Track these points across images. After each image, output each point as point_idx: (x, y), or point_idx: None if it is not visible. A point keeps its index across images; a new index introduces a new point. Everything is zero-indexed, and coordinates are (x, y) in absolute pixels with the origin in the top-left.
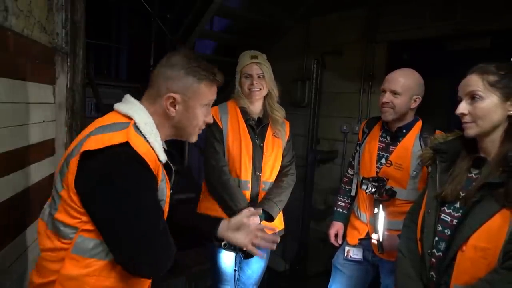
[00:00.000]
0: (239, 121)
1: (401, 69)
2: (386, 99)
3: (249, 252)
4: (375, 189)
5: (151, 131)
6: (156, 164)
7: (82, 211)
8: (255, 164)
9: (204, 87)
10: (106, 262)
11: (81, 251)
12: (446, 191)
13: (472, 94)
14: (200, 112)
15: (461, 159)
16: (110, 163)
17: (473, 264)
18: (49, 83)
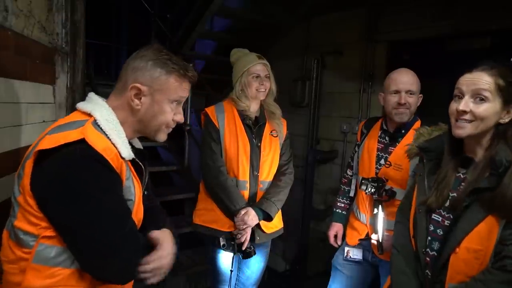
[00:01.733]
0: (236, 121)
1: (404, 69)
2: (403, 100)
3: (248, 252)
4: (375, 190)
5: (114, 128)
6: (118, 161)
7: (41, 216)
8: (253, 164)
9: (173, 81)
10: (72, 271)
11: (43, 260)
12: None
13: (479, 93)
14: (167, 108)
15: (448, 159)
16: (65, 163)
17: (466, 265)
18: (49, 83)
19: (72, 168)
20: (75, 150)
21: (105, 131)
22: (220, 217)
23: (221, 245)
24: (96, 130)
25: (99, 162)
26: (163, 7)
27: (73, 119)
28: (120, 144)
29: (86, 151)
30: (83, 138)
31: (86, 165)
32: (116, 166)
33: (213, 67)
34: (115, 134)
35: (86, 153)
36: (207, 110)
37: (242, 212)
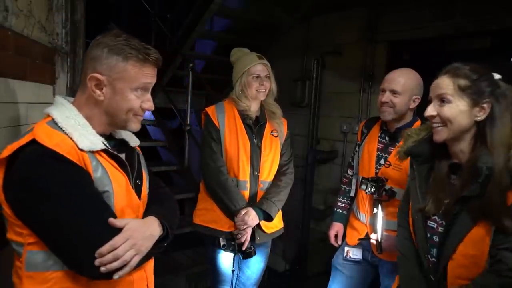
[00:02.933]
0: (236, 120)
1: (401, 68)
2: (385, 98)
3: (248, 252)
4: (375, 189)
5: (76, 123)
6: (77, 154)
7: (20, 224)
8: (253, 164)
9: (131, 67)
10: (65, 272)
11: (33, 266)
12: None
13: (441, 97)
14: (131, 96)
15: (438, 164)
16: (22, 165)
17: (466, 269)
18: (49, 83)
19: (29, 169)
20: (29, 152)
21: (61, 127)
22: (220, 217)
23: (221, 245)
24: (51, 128)
25: (53, 157)
26: (163, 7)
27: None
28: (77, 136)
29: (38, 150)
30: (33, 138)
31: (40, 163)
32: (76, 159)
33: (213, 67)
34: (73, 128)
35: (38, 152)
36: (207, 110)
37: (243, 212)
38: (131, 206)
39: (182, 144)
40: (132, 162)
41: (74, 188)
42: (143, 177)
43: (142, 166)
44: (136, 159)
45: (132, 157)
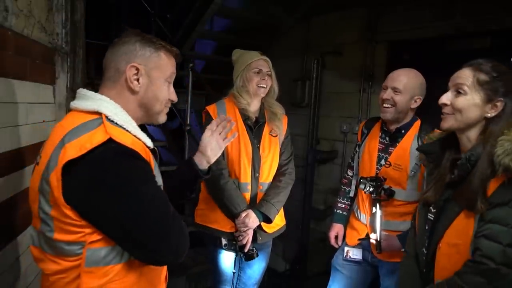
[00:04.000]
0: (238, 122)
1: (405, 68)
2: (387, 95)
3: (250, 255)
4: (373, 189)
5: (126, 119)
6: (146, 152)
7: (84, 224)
8: (255, 166)
9: (164, 57)
10: (122, 265)
11: (94, 262)
12: (428, 194)
13: (458, 87)
14: (164, 86)
15: (446, 160)
16: (100, 165)
17: (449, 259)
18: (49, 83)
19: (110, 169)
20: (107, 151)
21: (121, 125)
22: (222, 218)
23: (223, 245)
24: (115, 126)
25: (133, 156)
26: (163, 7)
27: (81, 121)
28: (140, 134)
29: (119, 149)
30: (110, 137)
31: (122, 162)
32: (146, 157)
33: (213, 67)
34: (130, 125)
35: (117, 151)
36: (208, 109)
37: (243, 214)
38: None
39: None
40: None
41: (150, 184)
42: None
43: None
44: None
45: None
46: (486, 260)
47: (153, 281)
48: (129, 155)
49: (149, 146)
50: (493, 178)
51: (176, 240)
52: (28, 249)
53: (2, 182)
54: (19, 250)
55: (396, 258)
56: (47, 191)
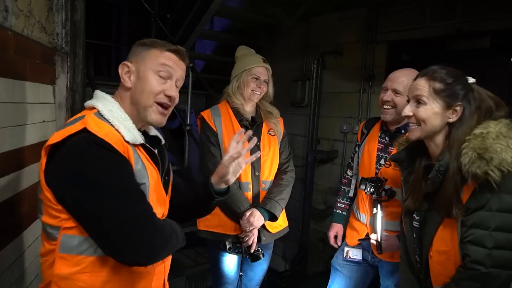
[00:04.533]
0: (233, 122)
1: (405, 69)
2: (387, 97)
3: (256, 255)
4: (374, 189)
5: (119, 116)
6: (123, 145)
7: (60, 208)
8: (254, 165)
9: (154, 51)
10: (96, 258)
11: (68, 249)
12: (408, 202)
13: (418, 98)
14: (152, 78)
15: (418, 167)
16: (71, 152)
17: (442, 266)
18: (49, 83)
19: (78, 155)
20: (79, 139)
21: (107, 119)
22: (225, 221)
23: (227, 248)
24: (99, 119)
25: (103, 146)
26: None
27: (78, 116)
28: (123, 128)
29: (89, 138)
30: (84, 127)
31: (91, 150)
32: (122, 150)
33: (213, 67)
34: (118, 121)
35: (89, 139)
36: (202, 114)
37: (247, 213)
38: (160, 200)
39: (182, 144)
40: (163, 158)
41: (119, 177)
42: (170, 174)
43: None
44: (166, 156)
45: (163, 154)
46: (476, 266)
47: (135, 285)
48: (99, 145)
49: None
50: (465, 185)
51: (144, 239)
52: (28, 249)
53: (2, 182)
54: (19, 250)
55: (396, 258)
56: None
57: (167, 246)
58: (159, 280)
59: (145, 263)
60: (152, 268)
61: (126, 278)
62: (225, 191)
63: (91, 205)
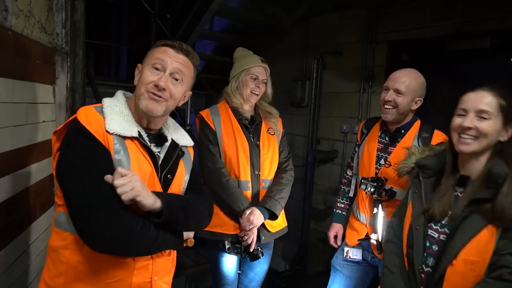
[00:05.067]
0: (232, 121)
1: (406, 69)
2: (389, 97)
3: (256, 254)
4: (374, 189)
5: (120, 111)
6: (104, 134)
7: (57, 187)
8: (253, 163)
9: (153, 49)
10: (76, 237)
11: (58, 224)
12: (434, 209)
13: (483, 112)
14: (147, 72)
15: (446, 177)
16: (64, 138)
17: (463, 277)
18: (49, 83)
19: (66, 140)
20: (71, 127)
21: (103, 112)
22: (225, 220)
23: (226, 248)
24: (94, 110)
25: (82, 133)
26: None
27: None
28: (110, 119)
29: (74, 126)
30: (75, 117)
31: (74, 136)
32: (102, 139)
33: (213, 67)
34: (110, 114)
35: (74, 127)
36: (202, 114)
37: (247, 212)
38: None
39: None
40: (169, 157)
41: (92, 163)
42: (176, 173)
43: (183, 164)
44: (174, 156)
45: (172, 153)
46: None
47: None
48: (79, 131)
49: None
50: None
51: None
52: (29, 249)
53: (2, 182)
54: (19, 250)
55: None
56: None
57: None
58: (142, 277)
59: (101, 250)
60: (133, 261)
61: (101, 264)
62: None
63: (67, 186)
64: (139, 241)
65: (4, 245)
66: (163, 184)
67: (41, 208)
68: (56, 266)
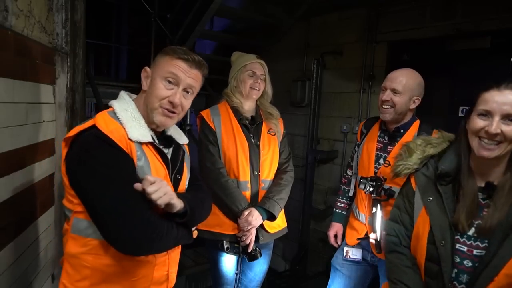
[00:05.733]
0: (232, 121)
1: (404, 68)
2: (386, 97)
3: (254, 254)
4: (373, 189)
5: (132, 116)
6: (127, 142)
7: (73, 194)
8: (253, 164)
9: (167, 58)
10: (100, 242)
11: (77, 231)
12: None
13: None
14: (159, 84)
15: (466, 182)
16: (81, 145)
17: None
18: (49, 83)
19: (85, 148)
20: (88, 134)
21: (118, 117)
22: (223, 220)
23: (225, 248)
24: (110, 117)
25: (106, 141)
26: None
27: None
28: (130, 127)
29: (96, 134)
30: (93, 124)
31: (95, 144)
32: (125, 147)
33: (213, 67)
34: (128, 119)
35: (95, 135)
36: (202, 114)
37: (246, 212)
38: None
39: None
40: (176, 157)
41: (117, 170)
42: (183, 173)
43: (185, 162)
44: (180, 156)
45: (177, 153)
46: None
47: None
48: (102, 140)
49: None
50: None
51: (132, 229)
52: (28, 249)
53: (2, 182)
54: (19, 250)
55: None
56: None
57: (158, 240)
58: (161, 271)
59: (132, 253)
60: (154, 258)
61: (126, 264)
62: None
63: (91, 194)
64: (166, 240)
65: (4, 245)
66: (174, 184)
67: (41, 208)
68: (78, 271)
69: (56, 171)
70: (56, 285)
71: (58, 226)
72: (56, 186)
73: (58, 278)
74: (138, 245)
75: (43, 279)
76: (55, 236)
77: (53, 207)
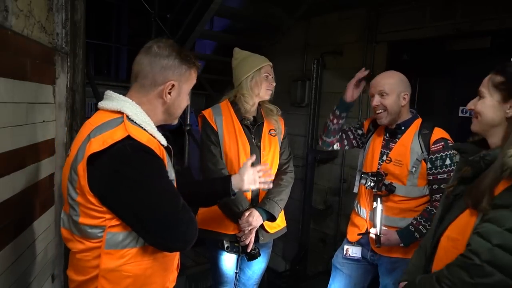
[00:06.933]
0: (234, 122)
1: (383, 72)
2: (375, 102)
3: (253, 254)
4: (374, 184)
5: (144, 120)
6: (160, 149)
7: (104, 210)
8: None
9: (193, 73)
10: (137, 249)
11: (113, 245)
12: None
13: (480, 91)
14: (187, 97)
15: None
16: (117, 158)
17: (446, 253)
18: (49, 83)
19: (126, 162)
20: (125, 147)
21: (139, 124)
22: (224, 220)
23: (225, 247)
24: (134, 125)
25: (147, 152)
26: (163, 7)
27: (105, 119)
28: (156, 133)
29: (135, 145)
30: (128, 135)
31: (138, 157)
32: (160, 154)
33: (213, 67)
34: (148, 125)
35: (135, 147)
36: (204, 113)
37: (246, 213)
38: None
39: (182, 144)
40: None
41: (163, 178)
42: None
43: None
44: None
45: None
46: (472, 255)
47: (166, 267)
48: (144, 151)
49: (163, 144)
50: (503, 180)
51: (184, 229)
52: (28, 249)
53: (2, 182)
54: (19, 250)
55: (395, 253)
56: (74, 180)
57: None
58: (177, 259)
59: (185, 248)
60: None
61: (161, 261)
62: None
63: (138, 204)
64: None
65: (4, 245)
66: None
67: (41, 208)
68: (118, 282)
69: (56, 171)
70: (56, 285)
71: (58, 226)
72: (56, 186)
73: (58, 278)
74: (189, 243)
75: (43, 279)
76: (55, 236)
77: (53, 207)
